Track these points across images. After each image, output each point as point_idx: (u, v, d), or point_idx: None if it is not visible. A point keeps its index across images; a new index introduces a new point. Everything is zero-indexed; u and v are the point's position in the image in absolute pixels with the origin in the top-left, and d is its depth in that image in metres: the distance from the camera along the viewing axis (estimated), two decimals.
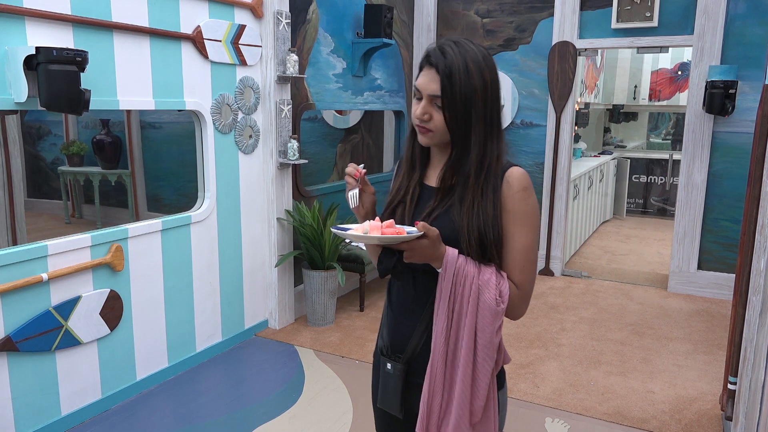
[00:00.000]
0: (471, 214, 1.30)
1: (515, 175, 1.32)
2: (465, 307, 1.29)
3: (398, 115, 5.56)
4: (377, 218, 1.31)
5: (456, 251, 1.29)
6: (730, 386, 2.68)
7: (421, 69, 1.33)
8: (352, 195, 1.38)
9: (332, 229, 1.32)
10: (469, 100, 1.27)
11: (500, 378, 1.41)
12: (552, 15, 5.09)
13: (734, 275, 2.76)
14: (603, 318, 4.33)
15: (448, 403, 1.33)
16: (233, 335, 3.78)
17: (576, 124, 6.26)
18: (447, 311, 1.30)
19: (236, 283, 3.78)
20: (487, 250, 1.30)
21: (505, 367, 1.48)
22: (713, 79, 4.41)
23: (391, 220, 1.27)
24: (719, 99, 4.38)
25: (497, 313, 1.28)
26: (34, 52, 2.38)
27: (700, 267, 4.84)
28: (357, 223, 1.41)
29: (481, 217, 1.29)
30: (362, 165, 1.43)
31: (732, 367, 2.64)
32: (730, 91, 4.36)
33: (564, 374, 3.43)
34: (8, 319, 2.50)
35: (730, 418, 2.61)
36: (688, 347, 3.84)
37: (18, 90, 2.42)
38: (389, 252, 1.29)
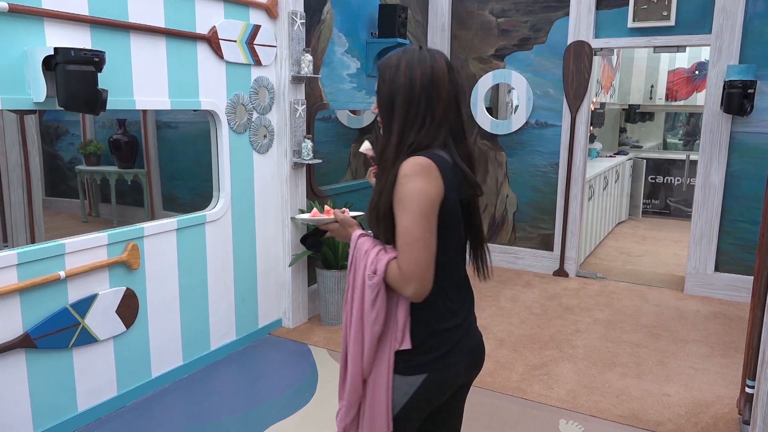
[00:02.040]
0: (374, 195, 1.46)
1: (405, 162, 1.38)
2: (357, 279, 1.46)
3: None
4: (326, 207, 1.67)
5: (359, 232, 1.54)
6: (747, 390, 2.64)
7: None
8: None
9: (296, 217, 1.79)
10: (393, 94, 1.43)
11: (407, 365, 1.43)
12: (567, 14, 5.05)
13: (752, 277, 2.72)
14: (618, 320, 4.30)
15: (348, 361, 1.51)
16: (247, 334, 3.80)
17: (591, 124, 6.22)
18: (349, 282, 1.51)
19: (250, 283, 3.80)
20: (381, 225, 1.44)
21: (520, 367, 1.50)
22: (731, 79, 4.36)
23: (344, 209, 1.65)
24: (737, 99, 4.32)
25: (369, 287, 1.41)
26: (52, 53, 2.41)
27: (717, 269, 4.78)
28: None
29: (382, 197, 1.41)
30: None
31: (750, 371, 2.61)
32: (749, 91, 4.30)
33: (578, 376, 3.41)
34: (27, 316, 2.53)
35: (747, 422, 2.58)
36: (705, 350, 3.80)
37: (37, 90, 2.46)
38: (314, 230, 1.68)
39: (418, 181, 1.35)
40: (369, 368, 1.45)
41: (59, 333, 2.64)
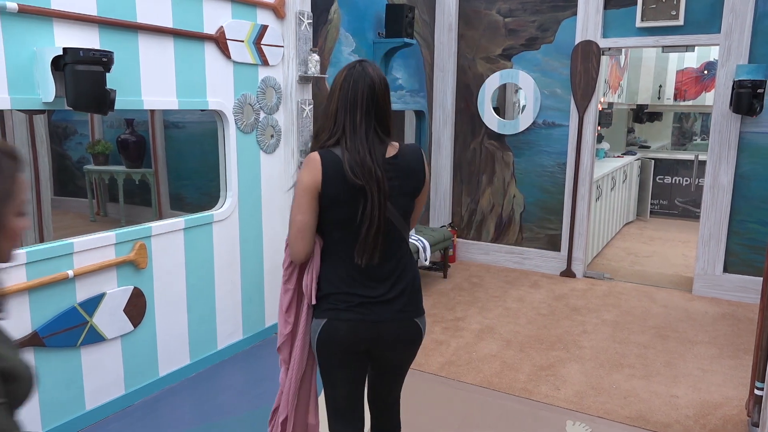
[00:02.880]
0: None
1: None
2: None
3: (419, 115, 5.55)
4: None
5: None
6: (756, 392, 2.62)
7: None
8: None
9: None
10: None
11: (317, 311, 1.85)
12: (575, 14, 5.04)
13: (761, 278, 2.71)
14: (626, 320, 4.28)
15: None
16: (254, 333, 3.81)
17: (599, 124, 6.19)
18: None
19: (257, 282, 3.80)
20: None
21: (527, 368, 1.56)
22: (741, 79, 4.33)
23: None
24: (747, 99, 4.29)
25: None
26: (61, 53, 2.43)
27: (725, 270, 4.75)
28: None
29: None
30: None
31: (759, 372, 2.59)
32: (758, 91, 4.27)
33: (585, 377, 3.39)
34: (35, 314, 2.54)
35: (756, 424, 2.56)
36: (713, 351, 3.77)
37: (46, 90, 2.47)
38: None
39: (301, 171, 1.76)
40: (284, 309, 1.94)
41: (67, 332, 2.66)
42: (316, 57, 3.80)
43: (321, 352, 1.85)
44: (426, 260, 4.66)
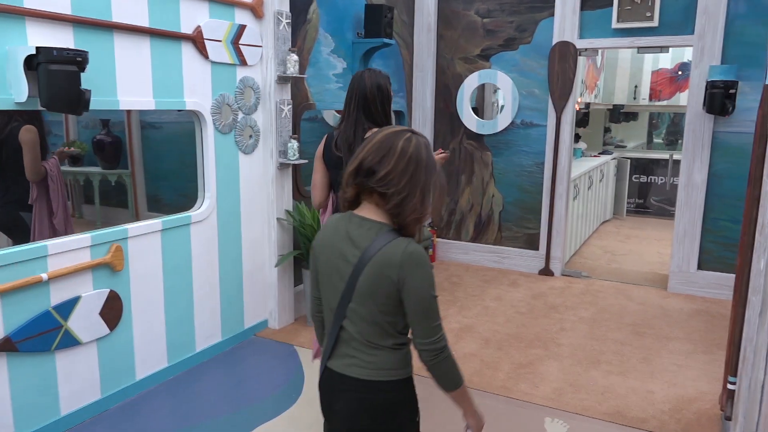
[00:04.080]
0: None
1: None
2: None
3: (398, 114, 5.56)
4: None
5: None
6: (729, 386, 2.67)
7: None
8: None
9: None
10: None
11: None
12: (552, 15, 5.09)
13: (734, 275, 2.76)
14: (603, 318, 4.33)
15: None
16: (233, 335, 3.78)
17: (576, 124, 6.26)
18: None
19: (236, 283, 3.78)
20: None
21: (506, 366, 1.67)
22: (713, 79, 4.41)
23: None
24: (719, 99, 4.37)
25: None
26: (34, 52, 2.38)
27: (700, 267, 4.84)
28: None
29: None
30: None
31: (732, 367, 2.64)
32: (731, 91, 4.36)
33: (563, 374, 3.43)
34: (8, 319, 2.50)
35: (729, 418, 2.62)
36: (688, 347, 3.84)
37: (18, 90, 2.43)
38: None
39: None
40: None
41: (41, 336, 2.61)
42: (294, 57, 3.78)
43: None
44: None
